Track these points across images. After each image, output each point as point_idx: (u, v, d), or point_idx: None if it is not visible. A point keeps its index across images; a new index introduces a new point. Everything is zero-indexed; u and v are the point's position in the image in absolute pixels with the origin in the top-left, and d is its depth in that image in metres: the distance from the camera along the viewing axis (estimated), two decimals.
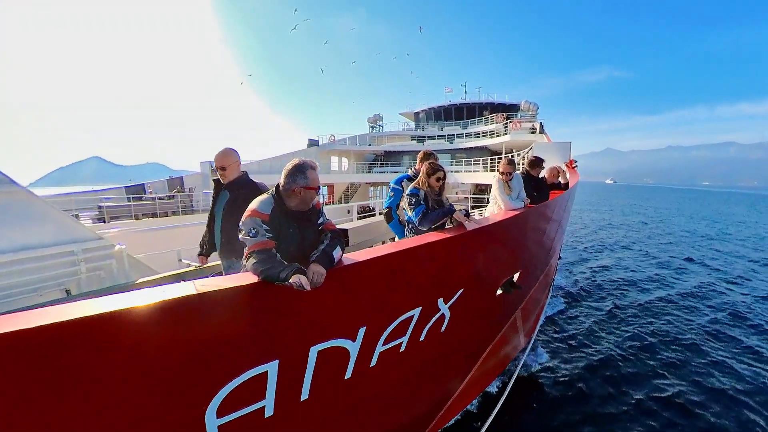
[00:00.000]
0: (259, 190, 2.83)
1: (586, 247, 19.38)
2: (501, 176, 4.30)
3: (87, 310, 1.30)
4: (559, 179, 5.98)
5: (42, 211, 3.24)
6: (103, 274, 3.84)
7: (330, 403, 2.39)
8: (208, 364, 1.67)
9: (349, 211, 11.18)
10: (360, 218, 9.31)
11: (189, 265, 3.71)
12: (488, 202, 5.39)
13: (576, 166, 11.07)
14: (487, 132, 21.84)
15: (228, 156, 2.93)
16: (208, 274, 3.50)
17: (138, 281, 3.40)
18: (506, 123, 20.70)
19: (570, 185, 6.47)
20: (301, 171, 1.94)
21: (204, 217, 3.16)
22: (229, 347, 1.70)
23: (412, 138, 25.66)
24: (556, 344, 7.91)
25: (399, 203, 3.90)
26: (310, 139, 23.83)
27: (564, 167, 10.65)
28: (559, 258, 12.41)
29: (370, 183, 25.08)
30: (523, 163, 5.94)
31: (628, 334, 8.40)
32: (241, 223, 1.91)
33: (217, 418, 1.78)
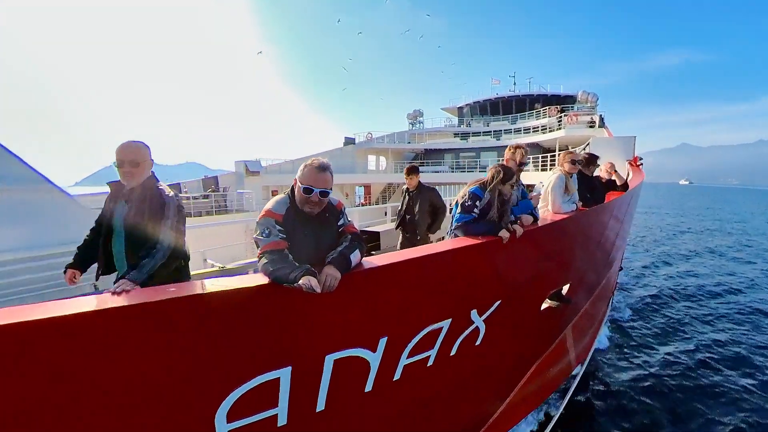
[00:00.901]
0: (163, 203, 2.22)
1: (653, 255, 18.07)
2: (570, 166, 3.88)
3: (86, 307, 1.37)
4: (613, 177, 5.59)
5: (74, 209, 3.55)
6: None
7: (349, 416, 2.37)
8: (217, 365, 1.71)
9: (386, 213, 11.18)
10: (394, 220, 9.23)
11: (213, 266, 3.90)
12: None
13: (641, 164, 10.34)
14: (538, 127, 21.04)
15: (142, 150, 2.26)
16: (232, 274, 3.63)
17: None
18: (560, 116, 19.78)
19: (631, 186, 6.03)
20: (303, 169, 1.99)
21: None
22: (238, 350, 1.73)
23: (455, 135, 25.23)
24: (617, 364, 7.37)
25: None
26: (346, 137, 24.06)
27: (627, 165, 9.98)
28: (621, 268, 11.62)
29: None
30: None
31: (707, 359, 7.67)
32: (256, 223, 1.96)
33: (228, 422, 1.82)
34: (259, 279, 1.74)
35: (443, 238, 3.38)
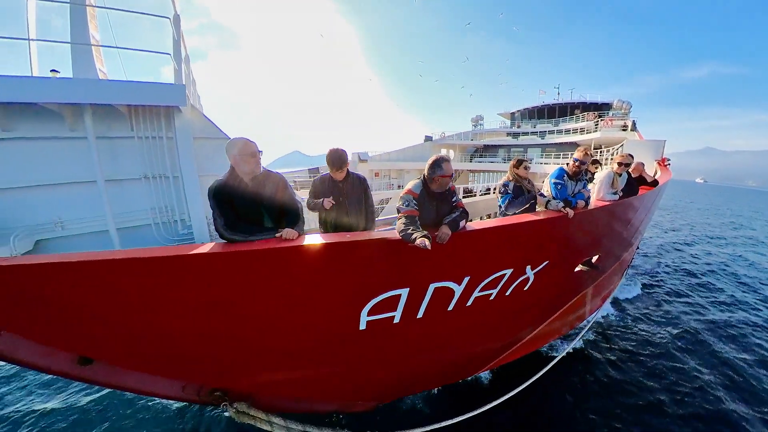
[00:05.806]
0: (285, 180, 2.01)
1: (661, 242, 15.33)
2: (618, 168, 3.44)
3: (305, 241, 1.70)
4: (642, 175, 4.69)
5: None
6: None
7: (435, 324, 2.52)
8: (367, 281, 1.94)
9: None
10: (462, 198, 8.95)
11: None
12: None
13: (669, 165, 8.55)
14: (577, 129, 18.16)
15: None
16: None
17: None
18: (597, 121, 16.82)
19: (660, 183, 5.06)
20: (438, 164, 2.00)
21: None
22: (383, 274, 1.94)
23: (508, 134, 23.13)
24: (617, 326, 6.56)
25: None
26: (426, 136, 23.46)
27: (656, 165, 8.30)
28: (637, 248, 10.08)
29: (470, 170, 23.97)
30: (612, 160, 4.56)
31: (695, 328, 6.50)
32: (400, 197, 2.03)
33: (368, 316, 2.08)
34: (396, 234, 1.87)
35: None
